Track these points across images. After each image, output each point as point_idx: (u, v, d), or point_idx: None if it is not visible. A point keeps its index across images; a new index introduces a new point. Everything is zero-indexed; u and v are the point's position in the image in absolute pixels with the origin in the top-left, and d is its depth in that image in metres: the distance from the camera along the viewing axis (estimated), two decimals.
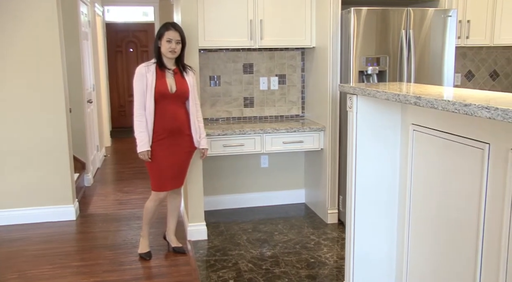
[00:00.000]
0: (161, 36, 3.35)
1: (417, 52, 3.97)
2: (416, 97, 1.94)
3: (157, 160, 3.39)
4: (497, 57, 5.24)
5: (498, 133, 1.89)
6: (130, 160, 6.88)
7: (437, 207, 2.31)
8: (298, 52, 4.67)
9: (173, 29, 3.35)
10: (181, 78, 3.42)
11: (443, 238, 2.27)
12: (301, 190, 4.87)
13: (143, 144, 3.32)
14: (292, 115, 4.74)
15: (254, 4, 4.15)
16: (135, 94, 3.33)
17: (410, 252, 2.59)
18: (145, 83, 3.30)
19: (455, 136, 2.14)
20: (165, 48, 3.33)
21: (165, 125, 3.36)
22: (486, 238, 1.99)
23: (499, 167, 1.89)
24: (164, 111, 3.34)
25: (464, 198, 2.11)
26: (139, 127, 3.32)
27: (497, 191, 1.91)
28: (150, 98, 3.30)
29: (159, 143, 3.37)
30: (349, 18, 3.84)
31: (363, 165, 2.64)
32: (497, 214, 1.92)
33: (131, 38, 9.38)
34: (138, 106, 3.32)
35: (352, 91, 2.53)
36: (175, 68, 3.43)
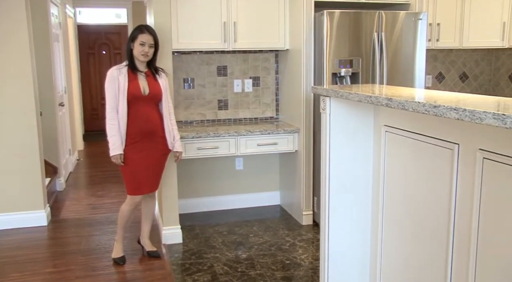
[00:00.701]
0: (134, 38, 3.32)
1: (389, 54, 4.02)
2: (388, 99, 1.96)
3: (131, 163, 3.35)
4: (466, 59, 5.35)
5: (467, 134, 1.93)
6: (104, 164, 6.79)
7: (409, 206, 2.35)
8: (272, 55, 4.68)
9: (147, 32, 3.32)
10: (153, 80, 3.40)
11: (416, 237, 2.31)
12: (276, 191, 4.89)
13: (115, 147, 3.29)
14: (266, 118, 4.75)
15: (228, 6, 4.15)
16: (107, 97, 3.29)
17: (384, 252, 2.62)
18: (117, 86, 3.26)
19: (426, 137, 2.18)
20: (137, 51, 3.31)
21: (138, 128, 3.32)
22: (456, 236, 2.03)
23: (468, 166, 1.93)
24: (137, 113, 3.31)
25: (435, 197, 2.14)
26: (112, 131, 3.28)
27: (466, 190, 1.95)
28: (122, 101, 3.26)
29: (133, 146, 3.33)
30: (322, 20, 3.87)
31: (336, 166, 2.66)
32: (466, 212, 1.96)
33: (104, 40, 9.26)
34: (110, 109, 3.28)
35: (325, 93, 2.55)
36: (147, 71, 3.40)
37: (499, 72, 5.30)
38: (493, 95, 5.37)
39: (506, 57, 5.18)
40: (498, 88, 5.32)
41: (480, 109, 1.50)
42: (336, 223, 2.74)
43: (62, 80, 6.18)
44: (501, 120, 1.40)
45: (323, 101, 2.61)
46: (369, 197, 2.74)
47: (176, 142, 3.53)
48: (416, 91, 2.42)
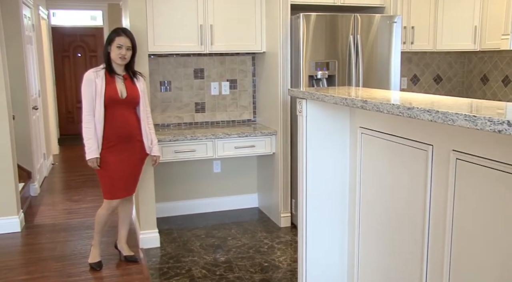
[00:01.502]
0: (111, 41, 3.28)
1: (365, 57, 4.07)
2: (363, 101, 1.98)
3: (108, 167, 3.31)
4: (440, 62, 5.45)
5: (441, 135, 1.96)
6: (80, 168, 6.69)
7: (385, 207, 2.37)
8: (249, 57, 4.69)
9: (124, 35, 3.30)
10: (131, 84, 3.37)
11: (392, 237, 2.33)
12: (254, 194, 4.89)
13: (91, 150, 3.25)
14: (243, 120, 4.75)
15: (204, 9, 4.14)
16: (84, 100, 3.25)
17: (361, 253, 2.64)
18: (94, 89, 3.22)
19: (401, 138, 2.20)
20: (115, 54, 3.27)
21: (115, 131, 3.29)
22: (431, 234, 2.06)
23: (442, 167, 1.96)
24: (114, 117, 3.28)
25: (410, 197, 2.17)
26: (88, 134, 3.24)
27: (440, 190, 1.98)
28: (99, 104, 3.23)
29: (110, 150, 3.30)
30: (298, 23, 3.89)
31: (313, 168, 2.68)
32: (440, 212, 1.99)
33: (79, 42, 9.14)
34: (86, 113, 3.24)
35: (302, 95, 2.57)
36: (124, 74, 3.37)
37: (472, 74, 5.40)
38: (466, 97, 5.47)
39: (478, 60, 5.29)
40: (471, 90, 5.42)
41: (453, 111, 1.53)
42: (313, 225, 2.75)
43: (35, 83, 6.08)
44: (472, 122, 1.43)
45: (299, 104, 2.62)
46: (346, 198, 2.76)
47: (153, 146, 3.50)
48: (391, 93, 2.45)
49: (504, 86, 4.93)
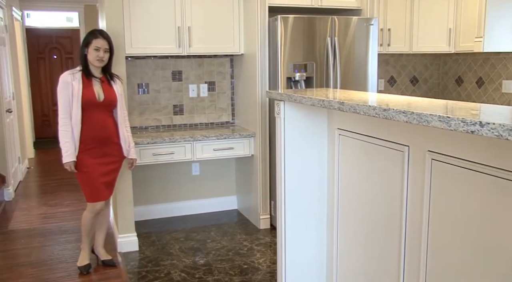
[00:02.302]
0: (88, 44, 3.25)
1: (342, 59, 4.10)
2: (340, 103, 1.99)
3: (87, 169, 3.28)
4: (416, 63, 5.52)
5: (416, 136, 1.99)
6: (56, 172, 6.58)
7: (363, 208, 2.39)
8: (227, 59, 4.68)
9: (101, 37, 3.27)
10: (108, 86, 3.35)
11: (370, 238, 2.35)
12: (233, 196, 4.88)
13: (68, 154, 3.21)
14: (222, 122, 4.74)
15: (182, 11, 4.12)
16: (60, 103, 3.21)
17: (339, 253, 2.66)
18: (70, 92, 3.19)
19: (378, 139, 2.23)
20: (92, 57, 3.24)
21: (93, 134, 3.26)
22: (408, 236, 2.08)
23: (418, 167, 1.99)
24: (91, 120, 3.25)
25: (387, 198, 2.19)
26: (64, 137, 3.20)
27: (416, 190, 2.01)
28: (76, 107, 3.19)
29: (88, 153, 3.26)
30: (276, 25, 3.90)
31: (291, 169, 2.69)
32: (417, 212, 2.01)
33: (55, 44, 9.01)
34: (63, 115, 3.20)
35: (279, 97, 2.57)
36: (102, 77, 3.34)
37: (447, 76, 5.49)
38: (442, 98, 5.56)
39: (453, 62, 5.38)
40: (446, 91, 5.51)
41: (427, 112, 1.55)
42: (292, 226, 2.76)
43: (9, 85, 5.96)
44: (446, 123, 1.45)
45: (277, 106, 2.63)
46: (325, 199, 2.77)
47: (131, 148, 3.48)
48: (369, 95, 2.47)
49: (478, 87, 5.02)
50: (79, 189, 3.50)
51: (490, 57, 4.84)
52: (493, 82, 4.82)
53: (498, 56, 4.73)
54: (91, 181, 3.31)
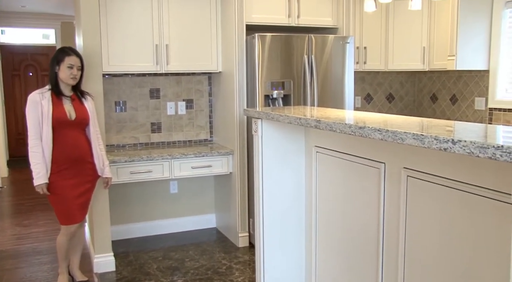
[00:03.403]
0: (60, 61, 3.19)
1: (319, 77, 4.15)
2: (316, 121, 2.01)
3: (61, 191, 3.20)
4: (392, 81, 5.62)
5: (392, 153, 2.01)
6: (31, 191, 6.44)
7: (341, 224, 2.40)
8: (205, 77, 4.69)
9: (74, 55, 3.23)
10: (79, 104, 3.29)
11: (348, 254, 2.36)
12: (212, 214, 4.84)
13: (40, 176, 3.12)
14: (200, 140, 4.73)
15: (160, 28, 4.13)
16: (29, 124, 3.12)
17: (318, 270, 2.65)
18: (40, 111, 3.11)
19: (355, 157, 2.25)
20: (66, 75, 3.19)
21: (65, 154, 3.19)
22: (385, 250, 2.09)
23: (394, 184, 2.01)
24: (63, 139, 3.18)
25: (365, 214, 2.21)
26: (35, 159, 3.12)
27: (393, 206, 2.03)
28: (47, 126, 3.11)
29: (60, 174, 3.19)
30: (254, 43, 3.93)
31: (269, 187, 2.69)
32: (394, 227, 2.03)
33: (30, 61, 8.90)
34: (33, 136, 3.12)
35: (257, 115, 2.58)
36: (72, 95, 3.29)
37: (422, 93, 5.60)
38: (417, 115, 5.65)
39: (427, 79, 5.49)
40: (421, 108, 5.61)
41: (402, 130, 1.57)
42: (271, 244, 2.75)
43: None
44: (420, 140, 1.47)
45: (255, 124, 2.64)
46: (303, 216, 2.77)
47: (105, 167, 3.42)
48: (345, 112, 2.50)
49: (452, 104, 5.13)
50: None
51: (462, 75, 4.96)
52: (466, 100, 4.93)
53: (470, 74, 4.85)
54: (64, 203, 3.22)
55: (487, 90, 4.65)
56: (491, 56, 4.53)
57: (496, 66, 4.51)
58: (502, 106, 4.50)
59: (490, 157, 1.27)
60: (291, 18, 4.21)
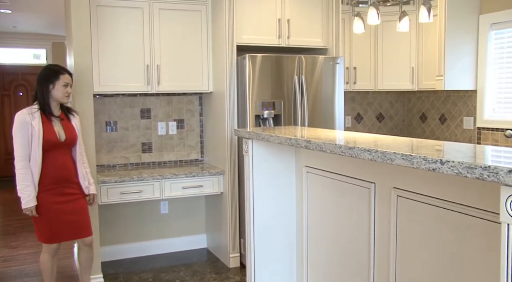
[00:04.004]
0: (55, 80, 3.14)
1: (310, 97, 4.18)
2: (307, 141, 2.02)
3: (47, 210, 3.13)
4: (382, 101, 5.67)
5: (382, 173, 2.03)
6: (19, 211, 6.33)
7: (332, 244, 2.39)
8: (196, 97, 4.71)
9: (67, 73, 3.20)
10: (68, 124, 3.25)
11: (339, 273, 2.35)
12: (203, 235, 4.81)
13: (30, 199, 3.06)
14: (191, 160, 4.72)
15: (151, 49, 4.15)
16: (17, 144, 3.05)
17: None
18: (30, 132, 3.05)
19: (345, 176, 2.26)
20: (61, 93, 3.15)
21: (53, 175, 3.13)
22: (377, 269, 2.09)
23: (384, 203, 2.02)
24: (51, 160, 3.12)
25: (356, 233, 2.21)
26: (24, 181, 3.05)
27: (383, 225, 2.03)
28: (37, 148, 3.05)
29: (46, 193, 3.12)
30: (244, 64, 3.97)
31: (260, 207, 2.68)
32: (384, 246, 2.03)
33: (21, 81, 8.89)
34: (21, 157, 3.05)
35: (248, 136, 2.59)
36: (61, 114, 3.24)
37: (411, 113, 5.65)
38: (407, 135, 5.70)
39: (417, 99, 5.55)
40: (411, 127, 5.66)
41: (391, 150, 1.59)
42: (262, 264, 2.73)
43: None
44: (408, 161, 1.49)
45: (245, 144, 2.64)
46: (294, 236, 2.76)
47: (90, 185, 3.36)
48: (336, 133, 2.52)
49: (441, 124, 5.18)
50: None
51: (451, 95, 5.02)
52: (454, 119, 4.98)
53: (459, 94, 4.91)
54: (49, 222, 3.16)
55: (475, 110, 4.71)
56: (478, 77, 4.60)
57: (483, 86, 4.58)
58: (490, 125, 4.55)
59: (478, 177, 1.28)
60: (282, 39, 4.26)
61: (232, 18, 4.02)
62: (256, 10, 4.14)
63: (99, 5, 3.96)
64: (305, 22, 4.34)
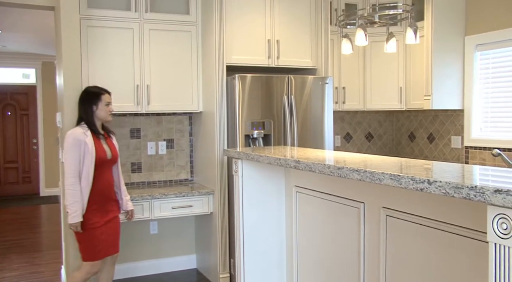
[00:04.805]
0: (98, 100, 3.30)
1: (299, 117, 4.20)
2: (296, 162, 2.03)
3: (95, 227, 3.21)
4: (371, 120, 5.72)
5: (371, 193, 2.03)
6: (4, 232, 6.27)
7: (322, 263, 2.38)
8: (186, 117, 4.71)
9: (107, 93, 3.38)
10: (110, 142, 3.41)
11: None
12: (192, 255, 4.77)
13: (77, 214, 3.13)
14: (181, 180, 4.70)
15: (141, 69, 4.17)
16: (70, 161, 3.14)
17: None
18: (83, 150, 3.15)
19: (334, 196, 2.26)
20: (105, 112, 3.31)
21: (101, 192, 3.26)
22: None
23: (373, 223, 2.02)
24: (100, 178, 3.25)
25: (346, 253, 2.20)
26: (74, 197, 3.13)
27: (373, 245, 2.03)
28: (90, 165, 3.16)
29: (94, 210, 3.21)
30: (234, 84, 3.99)
31: (250, 227, 2.67)
32: (374, 266, 2.02)
33: (9, 101, 8.84)
34: (72, 174, 3.14)
35: (237, 156, 2.60)
36: (104, 133, 3.38)
37: (400, 132, 5.70)
38: (396, 154, 5.73)
39: (405, 118, 5.61)
40: (400, 147, 5.70)
41: (379, 170, 1.60)
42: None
43: None
44: (397, 181, 1.50)
45: (235, 164, 2.65)
46: (284, 256, 2.75)
47: (127, 201, 3.49)
48: (325, 153, 2.53)
49: (429, 143, 5.22)
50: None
51: (439, 114, 5.08)
52: (443, 138, 5.03)
53: (446, 113, 4.97)
54: (94, 238, 3.23)
55: (462, 129, 4.76)
56: (465, 96, 4.67)
57: (470, 106, 4.64)
58: (477, 144, 4.60)
59: (465, 197, 1.30)
60: (271, 59, 4.29)
61: (222, 38, 4.06)
62: (246, 30, 4.18)
63: (90, 25, 3.98)
64: (294, 42, 4.39)
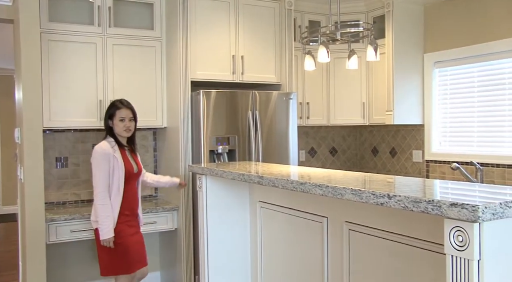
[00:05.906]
0: (112, 116, 3.28)
1: (264, 132, 4.23)
2: (259, 177, 2.04)
3: (122, 240, 3.17)
4: (335, 135, 5.80)
5: (334, 208, 2.06)
6: None
7: (286, 278, 2.39)
8: (150, 132, 4.67)
9: (124, 107, 3.31)
10: (135, 156, 3.39)
11: None
12: (157, 272, 4.68)
13: (109, 230, 3.09)
14: (145, 196, 4.63)
15: (104, 84, 4.11)
16: (99, 176, 3.10)
17: None
18: (111, 164, 3.12)
19: (298, 211, 2.28)
20: (119, 128, 3.26)
21: (129, 205, 3.24)
22: None
23: (336, 237, 2.04)
24: (128, 191, 3.22)
25: (310, 267, 2.21)
26: (105, 212, 3.09)
27: (336, 259, 2.05)
28: (120, 179, 3.13)
29: (123, 224, 3.19)
30: (198, 99, 3.98)
31: (214, 243, 2.66)
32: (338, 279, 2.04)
33: None
34: (102, 188, 3.10)
35: (201, 171, 2.59)
36: (129, 147, 3.35)
37: (364, 146, 5.80)
38: (360, 168, 5.82)
39: (368, 133, 5.71)
40: (363, 161, 5.79)
41: (341, 185, 1.62)
42: None
43: None
44: (358, 195, 1.52)
45: (199, 180, 2.63)
46: (249, 271, 2.74)
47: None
48: (289, 168, 2.55)
49: (391, 157, 5.33)
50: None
51: (400, 129, 5.20)
52: (404, 152, 5.14)
53: (407, 128, 5.09)
54: (126, 252, 3.18)
55: (423, 143, 4.89)
56: (425, 112, 4.80)
57: (429, 121, 4.77)
58: (437, 158, 4.73)
59: (423, 211, 1.33)
60: (236, 75, 4.31)
61: (187, 54, 4.06)
62: (211, 46, 4.20)
63: (51, 39, 3.91)
64: (259, 58, 4.43)
